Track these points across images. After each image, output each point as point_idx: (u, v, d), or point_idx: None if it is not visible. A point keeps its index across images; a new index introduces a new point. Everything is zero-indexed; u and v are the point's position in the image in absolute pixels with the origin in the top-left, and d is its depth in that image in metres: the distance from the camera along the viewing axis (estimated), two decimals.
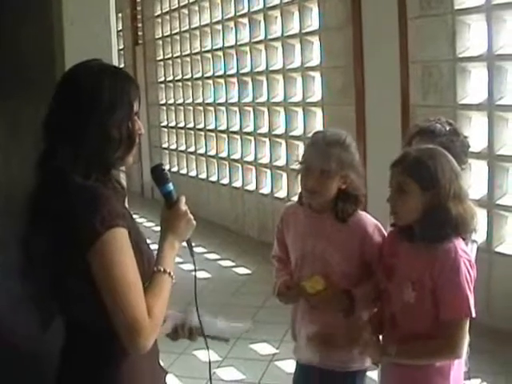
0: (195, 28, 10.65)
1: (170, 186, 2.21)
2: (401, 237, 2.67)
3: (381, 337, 2.78)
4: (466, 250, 2.55)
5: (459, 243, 2.54)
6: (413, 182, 2.53)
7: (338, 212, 2.88)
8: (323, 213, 2.92)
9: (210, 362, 2.39)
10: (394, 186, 2.60)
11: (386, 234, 2.89)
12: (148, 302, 1.96)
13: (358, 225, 2.90)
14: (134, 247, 1.98)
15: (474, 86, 5.87)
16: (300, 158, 2.97)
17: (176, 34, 11.42)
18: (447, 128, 3.16)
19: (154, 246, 2.13)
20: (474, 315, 2.50)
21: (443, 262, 2.50)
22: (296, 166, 3.01)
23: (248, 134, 9.29)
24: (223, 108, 9.98)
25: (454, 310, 2.49)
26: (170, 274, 2.07)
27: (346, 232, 2.89)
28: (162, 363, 2.25)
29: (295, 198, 3.11)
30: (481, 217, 5.38)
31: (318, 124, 7.80)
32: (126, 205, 2.23)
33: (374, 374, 3.24)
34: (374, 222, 2.93)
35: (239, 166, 9.54)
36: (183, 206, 2.18)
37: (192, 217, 2.18)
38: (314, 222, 2.95)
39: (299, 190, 3.02)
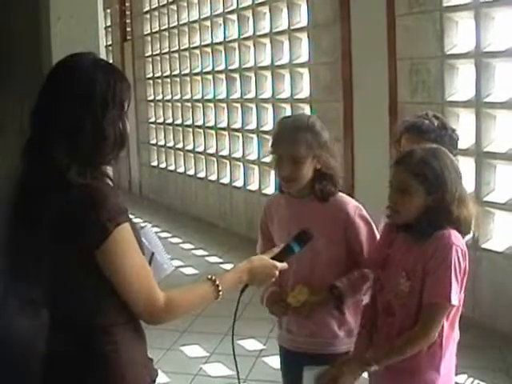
0: (184, 24, 10.64)
1: (299, 249, 2.42)
2: (397, 229, 2.65)
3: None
4: (460, 239, 2.54)
5: (454, 232, 2.53)
6: (418, 184, 2.50)
7: (318, 192, 2.88)
8: (304, 197, 2.92)
9: None
10: (396, 185, 2.57)
11: (368, 218, 2.90)
12: (173, 293, 2.05)
13: (339, 205, 2.90)
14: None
15: (461, 83, 5.88)
16: (270, 148, 2.99)
17: (164, 30, 11.39)
18: (435, 123, 3.22)
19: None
20: (454, 303, 2.48)
21: (435, 247, 2.50)
22: (268, 157, 3.04)
23: (236, 130, 9.28)
24: (211, 104, 9.96)
25: (434, 294, 2.48)
26: (217, 287, 2.14)
27: (329, 213, 2.89)
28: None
29: None
30: None
31: None
32: None
33: None
34: (355, 203, 2.94)
35: (227, 162, 9.53)
36: (279, 269, 2.34)
37: (273, 280, 2.37)
38: (296, 207, 2.95)
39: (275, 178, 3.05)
